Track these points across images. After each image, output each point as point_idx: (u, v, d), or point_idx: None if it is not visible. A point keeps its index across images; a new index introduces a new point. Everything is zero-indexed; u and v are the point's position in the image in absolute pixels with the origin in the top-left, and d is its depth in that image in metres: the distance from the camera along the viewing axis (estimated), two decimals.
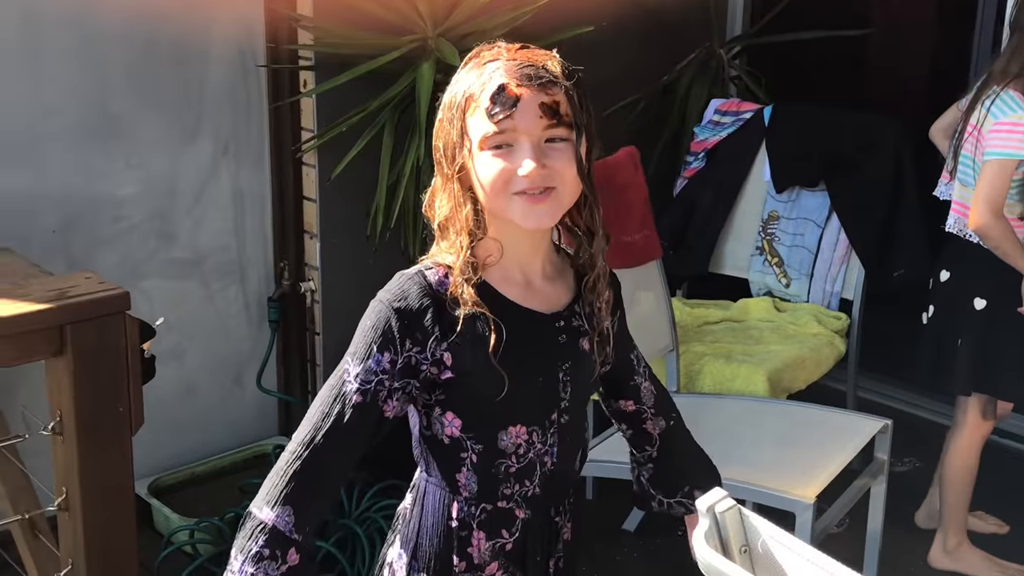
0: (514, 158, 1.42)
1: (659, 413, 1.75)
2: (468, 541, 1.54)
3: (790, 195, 3.59)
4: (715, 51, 4.01)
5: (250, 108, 3.29)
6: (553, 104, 1.42)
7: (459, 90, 1.45)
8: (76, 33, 2.89)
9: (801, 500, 2.49)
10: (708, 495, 1.40)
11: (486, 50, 1.47)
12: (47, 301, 1.93)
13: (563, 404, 1.54)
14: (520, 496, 1.54)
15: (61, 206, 2.98)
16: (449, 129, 1.46)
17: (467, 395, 1.48)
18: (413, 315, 1.44)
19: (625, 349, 1.71)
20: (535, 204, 1.43)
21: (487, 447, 1.51)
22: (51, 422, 2.02)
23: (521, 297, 1.51)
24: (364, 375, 1.43)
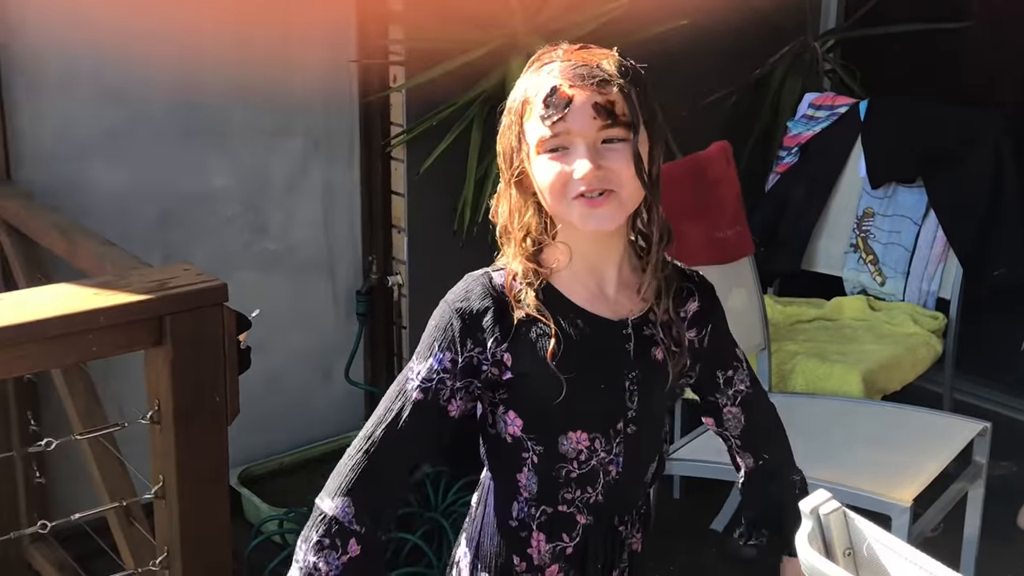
0: (570, 161, 1.40)
1: (747, 448, 1.67)
2: (528, 542, 1.54)
3: (886, 191, 3.51)
4: (809, 44, 3.94)
5: (341, 103, 3.31)
6: (607, 104, 1.39)
7: (517, 95, 1.45)
8: (172, 29, 2.94)
9: (898, 503, 2.44)
10: (812, 496, 1.37)
11: (547, 52, 1.45)
12: (148, 292, 1.95)
13: (630, 414, 1.51)
14: (582, 502, 1.52)
15: (158, 200, 3.04)
16: (509, 135, 1.45)
17: (527, 396, 1.48)
18: (474, 316, 1.45)
19: (711, 365, 1.62)
20: (593, 208, 1.40)
21: (548, 450, 1.50)
22: (149, 411, 2.04)
23: (589, 302, 1.48)
24: (426, 374, 1.45)
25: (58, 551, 2.82)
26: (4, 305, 1.91)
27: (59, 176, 2.86)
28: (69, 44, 2.81)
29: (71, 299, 1.92)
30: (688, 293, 1.56)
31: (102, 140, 2.92)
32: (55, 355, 1.91)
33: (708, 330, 1.59)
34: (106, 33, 2.85)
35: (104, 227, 2.70)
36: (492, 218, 1.52)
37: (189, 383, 1.99)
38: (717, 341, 1.61)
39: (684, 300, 1.56)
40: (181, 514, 2.07)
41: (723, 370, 1.63)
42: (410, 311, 3.42)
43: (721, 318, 1.62)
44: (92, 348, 1.92)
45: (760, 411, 1.68)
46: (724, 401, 1.64)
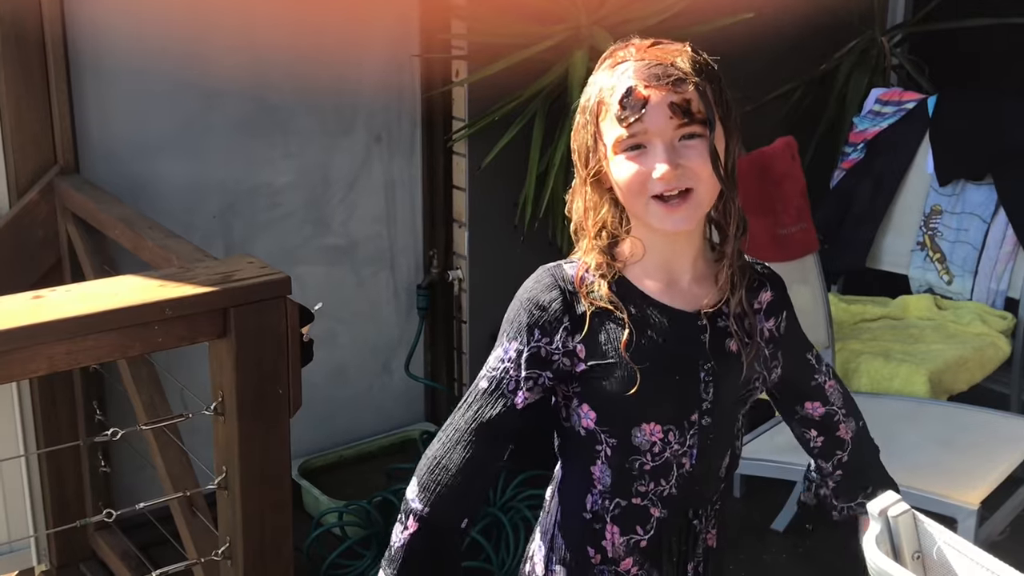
0: (648, 160, 1.41)
1: (850, 414, 1.69)
2: (602, 534, 1.54)
3: (954, 188, 3.45)
4: (876, 39, 3.88)
5: (403, 98, 3.32)
6: (683, 103, 1.39)
7: (591, 94, 1.45)
8: (238, 28, 2.96)
9: (965, 505, 2.40)
10: (880, 498, 1.35)
11: (620, 49, 1.46)
12: (212, 284, 1.97)
13: (705, 405, 1.50)
14: (655, 495, 1.52)
15: (222, 193, 3.07)
16: (584, 134, 1.46)
17: (600, 388, 1.48)
18: (542, 307, 1.46)
19: (799, 350, 1.64)
20: (672, 211, 1.41)
21: (621, 442, 1.50)
22: (212, 402, 2.06)
23: (663, 294, 1.49)
24: (494, 363, 1.50)
25: (122, 539, 2.86)
26: (72, 296, 1.94)
27: (126, 169, 2.90)
28: (137, 40, 2.84)
29: (137, 291, 1.95)
30: (760, 284, 1.57)
31: (169, 134, 2.96)
32: (121, 346, 1.94)
33: (784, 318, 1.59)
34: (174, 29, 2.89)
35: (169, 219, 2.74)
36: (568, 213, 1.53)
37: (252, 375, 2.01)
38: (794, 327, 1.62)
39: (757, 291, 1.56)
40: (243, 505, 2.09)
41: (809, 351, 1.65)
42: (470, 306, 3.42)
43: (791, 306, 1.63)
44: (157, 339, 1.94)
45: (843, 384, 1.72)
46: (823, 379, 1.66)
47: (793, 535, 3.15)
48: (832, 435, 1.68)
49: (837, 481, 1.70)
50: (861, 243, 3.57)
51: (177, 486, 2.35)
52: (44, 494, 2.93)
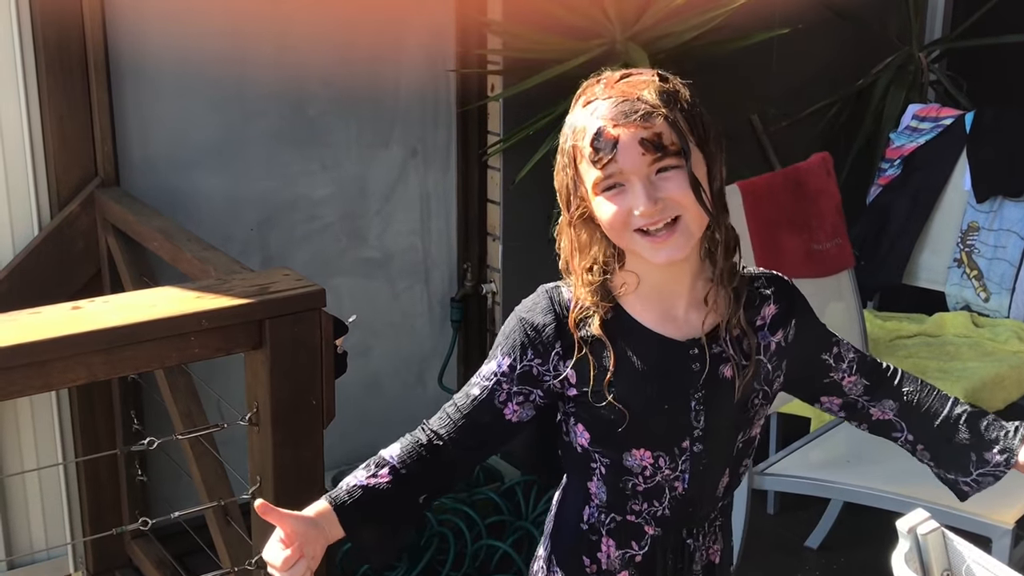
0: (627, 198, 1.40)
1: (881, 396, 1.62)
2: (598, 546, 1.57)
3: (992, 205, 3.42)
4: (914, 54, 3.86)
5: (438, 112, 3.34)
6: (654, 138, 1.38)
7: (567, 135, 1.45)
8: (276, 42, 3.00)
9: (999, 525, 2.38)
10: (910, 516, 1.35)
11: (591, 86, 1.45)
12: (248, 296, 2.00)
13: (696, 433, 1.50)
14: (648, 514, 1.54)
15: (259, 206, 3.10)
16: (564, 177, 1.46)
17: (592, 412, 1.49)
18: (536, 328, 1.48)
19: (812, 353, 1.60)
20: (660, 244, 1.41)
21: (614, 463, 1.52)
22: (248, 412, 2.09)
23: (656, 323, 1.49)
24: (486, 373, 1.52)
25: (157, 547, 2.89)
26: (110, 307, 1.97)
27: (165, 182, 2.94)
28: (177, 54, 2.88)
29: (175, 302, 1.98)
30: (762, 299, 1.54)
31: (208, 147, 2.99)
32: (159, 356, 1.96)
33: (792, 326, 1.56)
34: (213, 44, 2.93)
35: (207, 232, 2.77)
36: (558, 250, 1.53)
37: (287, 386, 2.03)
38: (807, 332, 1.59)
39: (759, 308, 1.53)
40: None
41: (827, 351, 1.61)
42: (503, 319, 3.42)
43: (805, 309, 1.60)
44: (194, 350, 1.97)
45: (873, 363, 1.65)
46: (840, 376, 1.62)
47: (827, 552, 3.13)
48: (871, 420, 1.64)
49: (932, 456, 1.63)
50: (897, 259, 3.55)
51: (212, 495, 2.37)
52: (81, 502, 2.97)
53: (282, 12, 2.98)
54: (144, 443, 2.09)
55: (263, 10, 2.96)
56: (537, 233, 3.29)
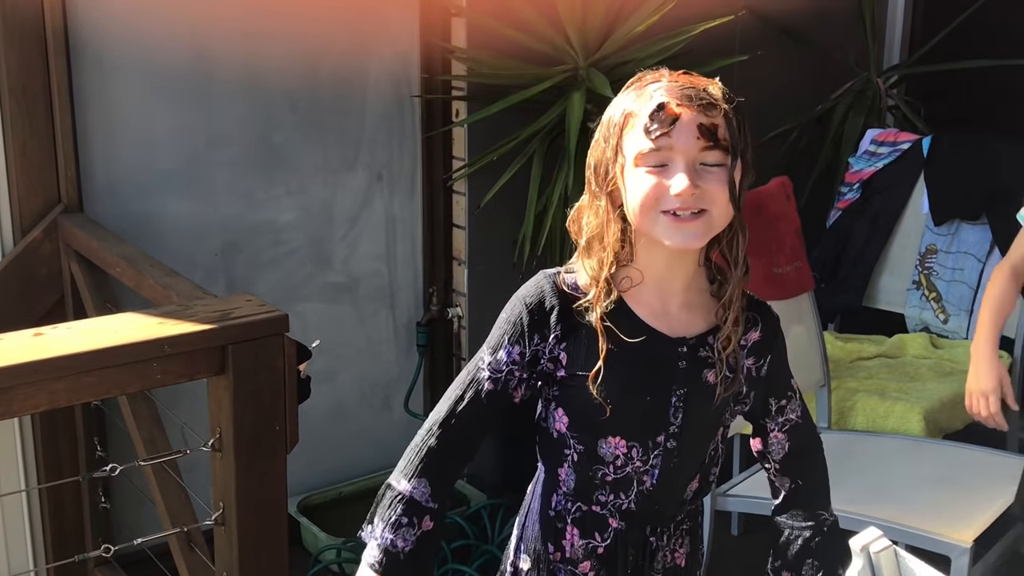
0: (668, 175, 1.42)
1: (784, 473, 1.67)
2: (563, 534, 1.60)
3: (949, 228, 3.48)
4: (872, 80, 3.93)
5: (404, 137, 3.36)
6: (711, 127, 1.42)
7: (618, 108, 1.47)
8: (242, 66, 3.01)
9: (958, 543, 2.41)
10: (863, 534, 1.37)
11: (649, 74, 1.49)
12: (211, 322, 2.00)
13: (672, 429, 1.54)
14: (614, 506, 1.57)
15: (224, 231, 3.10)
16: (604, 146, 1.48)
17: (575, 397, 1.53)
18: (543, 312, 1.52)
19: (766, 393, 1.64)
20: (683, 224, 1.43)
21: (587, 450, 1.55)
22: (210, 438, 2.08)
23: (652, 317, 1.52)
24: (496, 364, 1.54)
25: (121, 575, 2.87)
26: (73, 334, 1.96)
27: (129, 207, 2.93)
28: (142, 80, 2.89)
29: (137, 328, 1.98)
30: (752, 323, 1.59)
31: (172, 173, 2.99)
32: (121, 382, 1.96)
33: (767, 360, 1.61)
34: (178, 69, 2.93)
35: (171, 257, 2.77)
36: (569, 227, 1.56)
37: (250, 412, 2.03)
38: (775, 372, 1.63)
39: (747, 329, 1.58)
40: (240, 541, 2.10)
41: (776, 399, 1.65)
42: (469, 343, 3.45)
43: (781, 350, 1.65)
44: (156, 376, 1.97)
45: (805, 443, 1.68)
46: (772, 427, 1.66)
47: None
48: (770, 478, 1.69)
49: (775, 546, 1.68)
50: (857, 282, 3.59)
51: (176, 522, 2.36)
52: (44, 529, 2.95)
53: (248, 37, 2.99)
54: (106, 470, 2.08)
55: (229, 35, 2.98)
56: (502, 257, 3.31)
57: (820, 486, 1.69)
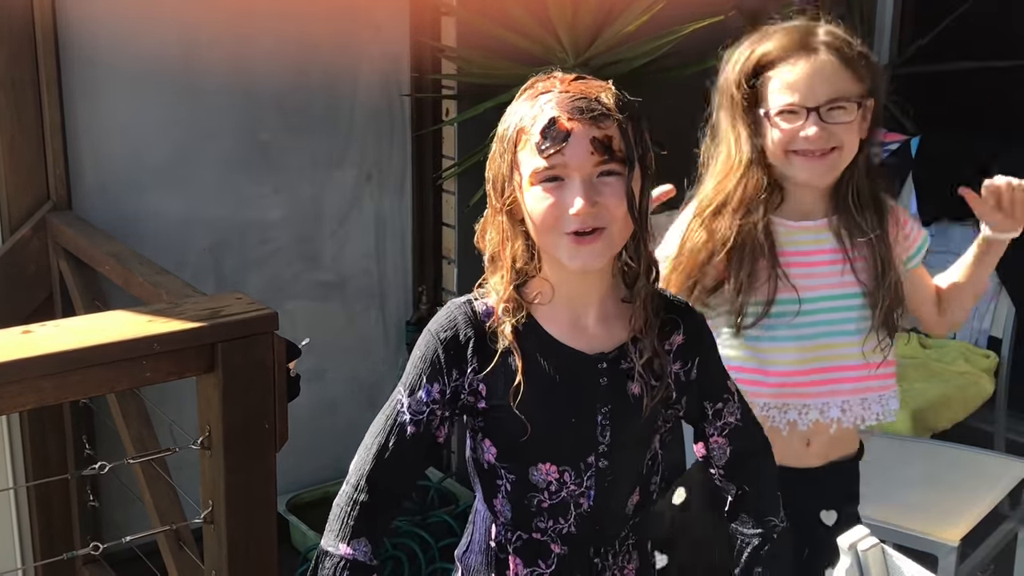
0: (565, 194, 1.39)
1: (729, 479, 1.62)
2: (506, 564, 1.55)
3: (937, 228, 3.49)
4: None
5: (393, 136, 3.36)
6: (605, 139, 1.38)
7: (511, 123, 1.43)
8: (231, 65, 3.01)
9: (945, 542, 2.42)
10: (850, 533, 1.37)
11: (541, 80, 1.44)
12: (200, 320, 2.00)
13: (601, 448, 1.49)
14: (554, 532, 1.52)
15: (213, 229, 3.10)
16: (500, 162, 1.43)
17: (500, 427, 1.48)
18: (458, 346, 1.46)
19: (699, 397, 1.59)
20: (583, 245, 1.39)
21: (519, 479, 1.50)
22: (200, 437, 2.08)
23: (566, 334, 1.48)
24: (416, 406, 1.48)
25: (109, 573, 2.86)
26: (61, 331, 1.96)
27: (118, 205, 2.93)
28: (131, 78, 2.89)
29: (126, 326, 1.97)
30: (674, 326, 1.54)
31: (161, 171, 2.99)
32: (110, 380, 1.96)
33: (695, 363, 1.56)
34: (167, 67, 2.93)
35: (160, 255, 2.76)
36: (477, 243, 1.51)
37: (239, 410, 2.03)
38: (706, 374, 1.58)
39: (669, 333, 1.53)
40: (229, 540, 2.10)
41: (712, 402, 1.60)
42: None
43: (711, 350, 1.60)
44: (146, 374, 1.96)
45: (749, 447, 1.63)
46: (711, 431, 1.61)
47: None
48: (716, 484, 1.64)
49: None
50: None
51: (164, 520, 2.36)
52: (32, 527, 2.94)
53: (237, 35, 2.99)
54: (94, 468, 2.08)
55: (218, 32, 2.97)
56: None
57: (767, 491, 1.64)
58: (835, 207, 1.92)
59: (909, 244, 1.99)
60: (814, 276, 1.92)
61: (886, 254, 1.91)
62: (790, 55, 1.83)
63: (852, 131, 1.83)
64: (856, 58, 1.85)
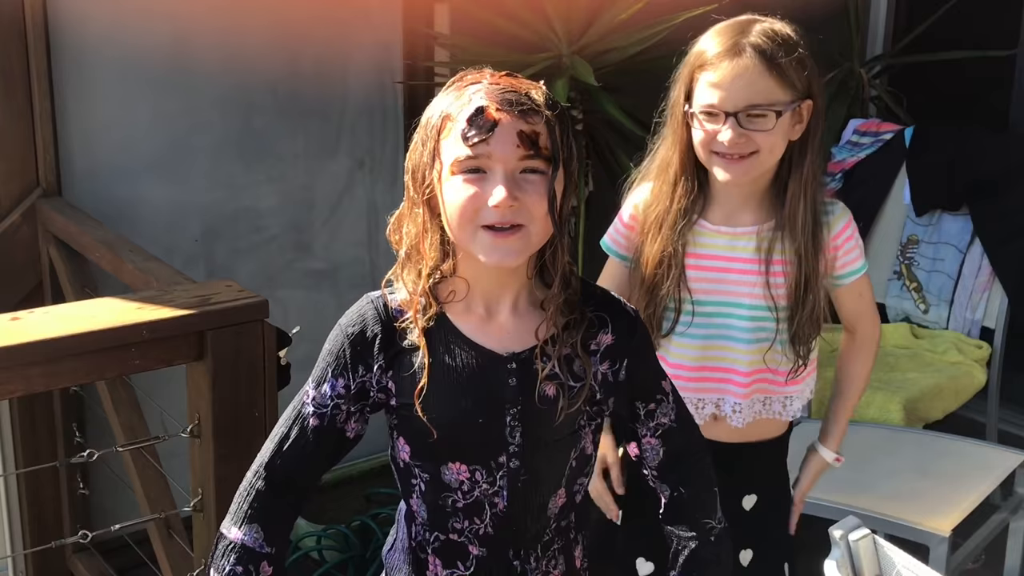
0: (486, 186, 1.34)
1: (663, 480, 1.59)
2: (426, 564, 1.53)
3: (931, 219, 3.49)
4: (855, 70, 3.93)
5: (386, 123, 3.35)
6: (532, 134, 1.34)
7: (435, 111, 1.39)
8: (223, 52, 2.99)
9: (936, 532, 2.42)
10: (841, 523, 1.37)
11: (470, 74, 1.41)
12: (190, 307, 1.99)
13: (511, 448, 1.45)
14: (471, 532, 1.49)
15: (204, 217, 3.08)
16: (422, 150, 1.39)
17: (410, 424, 1.45)
18: (365, 342, 1.44)
19: (630, 397, 1.55)
20: (501, 240, 1.36)
21: (433, 478, 1.48)
22: (189, 425, 2.08)
23: (478, 332, 1.44)
24: (320, 399, 1.46)
25: (99, 561, 2.86)
26: (50, 318, 1.95)
27: (109, 192, 2.92)
28: (121, 64, 2.87)
29: (115, 313, 1.96)
30: (602, 324, 1.49)
31: (152, 157, 2.98)
32: (99, 367, 1.95)
33: (624, 363, 1.51)
34: (159, 54, 2.91)
35: (151, 242, 2.75)
36: (389, 236, 1.47)
37: (229, 398, 2.02)
38: (636, 375, 1.53)
39: (596, 333, 1.49)
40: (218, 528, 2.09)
41: (644, 402, 1.56)
42: None
43: (643, 349, 1.55)
44: (135, 361, 1.96)
45: (683, 448, 1.59)
46: (644, 432, 1.57)
47: None
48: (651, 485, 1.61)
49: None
50: None
51: (154, 508, 2.35)
52: (22, 515, 2.93)
53: (229, 22, 2.97)
54: (83, 455, 2.07)
55: (209, 19, 2.95)
56: None
57: (703, 494, 1.60)
58: (770, 217, 1.87)
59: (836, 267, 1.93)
60: (724, 282, 1.89)
61: (811, 274, 1.86)
62: (718, 55, 1.79)
63: (774, 135, 1.78)
64: (785, 64, 1.78)
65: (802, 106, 1.80)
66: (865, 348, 2.08)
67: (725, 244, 1.89)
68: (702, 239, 1.89)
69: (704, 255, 1.88)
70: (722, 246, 1.89)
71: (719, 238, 1.89)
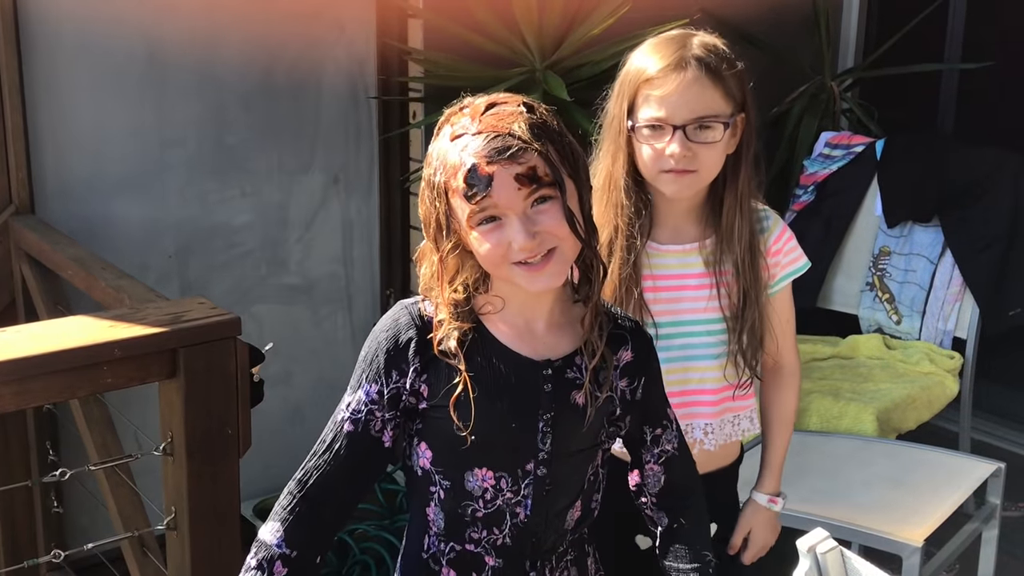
0: (504, 233, 1.38)
1: (661, 508, 1.63)
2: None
3: (902, 230, 3.52)
4: (826, 83, 3.96)
5: (360, 139, 3.36)
6: (528, 172, 1.37)
7: (436, 170, 1.41)
8: (197, 68, 2.99)
9: (908, 543, 2.43)
10: (809, 535, 1.38)
11: (455, 114, 1.42)
12: (162, 325, 1.99)
13: (541, 455, 1.47)
14: (488, 543, 1.50)
15: (178, 233, 3.08)
16: (435, 210, 1.42)
17: (439, 428, 1.47)
18: (399, 348, 1.45)
19: (641, 419, 1.59)
20: (537, 272, 1.40)
21: (454, 485, 1.49)
22: (162, 443, 2.07)
23: (514, 339, 1.47)
24: (355, 405, 1.48)
25: None
26: (21, 337, 1.95)
27: (82, 209, 2.91)
28: (94, 81, 2.86)
29: (87, 331, 1.96)
30: (622, 341, 1.53)
31: (125, 175, 2.97)
32: (71, 386, 1.94)
33: (641, 382, 1.56)
34: (132, 70, 2.91)
35: (125, 259, 2.75)
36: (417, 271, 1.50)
37: (202, 416, 2.02)
38: (649, 396, 1.58)
39: (617, 348, 1.53)
40: (192, 546, 2.09)
41: (651, 427, 1.60)
42: None
43: (657, 371, 1.59)
44: (107, 380, 1.95)
45: (684, 482, 1.64)
46: (648, 458, 1.62)
47: None
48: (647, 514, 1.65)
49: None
50: (812, 283, 3.62)
51: (128, 527, 2.34)
52: None
53: (202, 37, 2.97)
54: (56, 474, 2.06)
55: (182, 35, 2.96)
56: None
57: (701, 527, 1.64)
58: (709, 231, 1.88)
59: (770, 275, 1.93)
60: (681, 300, 1.89)
61: (752, 283, 1.87)
62: (660, 69, 1.78)
63: (716, 149, 1.79)
64: (728, 76, 1.80)
65: (738, 119, 1.81)
66: (794, 382, 2.04)
67: (676, 262, 1.89)
68: (655, 260, 1.88)
69: (659, 275, 1.88)
70: (674, 264, 1.89)
71: (670, 257, 1.89)
